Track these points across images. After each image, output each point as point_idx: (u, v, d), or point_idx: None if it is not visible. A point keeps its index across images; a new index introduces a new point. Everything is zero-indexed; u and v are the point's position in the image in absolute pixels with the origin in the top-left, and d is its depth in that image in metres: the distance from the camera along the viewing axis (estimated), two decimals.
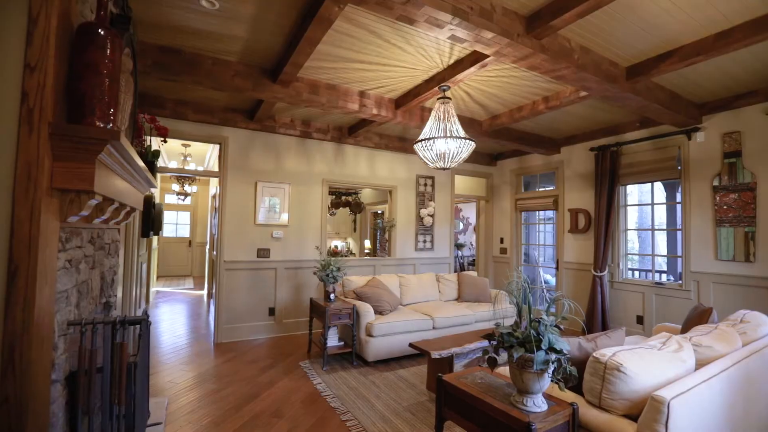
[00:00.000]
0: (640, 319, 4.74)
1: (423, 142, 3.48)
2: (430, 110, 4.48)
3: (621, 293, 4.96)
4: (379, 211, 9.75)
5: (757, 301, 3.83)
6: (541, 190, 6.55)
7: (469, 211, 10.62)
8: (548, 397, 1.70)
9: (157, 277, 9.48)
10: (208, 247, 8.07)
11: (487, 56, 2.94)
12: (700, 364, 1.91)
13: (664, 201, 6.73)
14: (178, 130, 4.36)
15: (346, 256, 7.03)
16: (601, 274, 4.97)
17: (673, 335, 2.02)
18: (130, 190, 2.18)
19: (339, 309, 3.82)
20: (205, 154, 6.96)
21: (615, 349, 1.73)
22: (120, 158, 1.58)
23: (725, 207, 4.06)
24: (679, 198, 6.41)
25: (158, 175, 8.44)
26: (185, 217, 10.89)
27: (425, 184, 6.27)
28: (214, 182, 7.43)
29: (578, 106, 4.34)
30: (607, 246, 4.96)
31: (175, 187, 8.62)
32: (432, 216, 6.27)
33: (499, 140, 5.11)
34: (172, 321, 5.50)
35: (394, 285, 4.73)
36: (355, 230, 10.35)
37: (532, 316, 1.66)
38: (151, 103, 4.11)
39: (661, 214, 7.25)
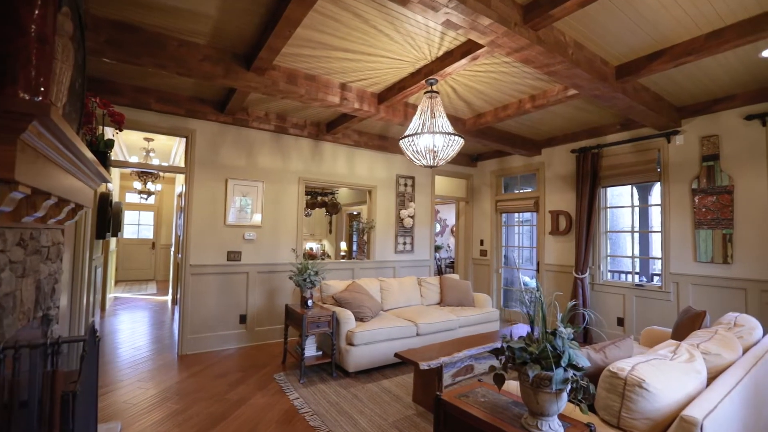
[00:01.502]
0: (620, 321, 4.75)
1: (409, 138, 3.28)
2: (414, 106, 4.29)
3: (602, 295, 4.96)
4: (355, 212, 9.50)
5: (734, 301, 3.88)
6: (519, 192, 6.51)
7: (447, 213, 10.55)
8: (561, 417, 1.53)
9: (116, 282, 8.81)
10: (173, 249, 7.55)
11: (479, 48, 2.78)
12: (710, 374, 1.80)
13: (638, 204, 6.87)
14: (138, 121, 3.96)
15: (322, 258, 6.74)
16: (583, 276, 4.95)
17: (682, 343, 1.91)
18: (76, 184, 1.85)
19: (317, 316, 3.56)
20: (170, 150, 6.48)
21: (631, 362, 1.58)
22: (55, 142, 1.27)
23: (704, 209, 4.11)
24: (651, 200, 6.58)
25: (117, 171, 7.83)
26: (148, 217, 10.22)
27: (405, 185, 6.09)
28: (180, 180, 6.95)
29: (563, 107, 4.28)
30: (588, 248, 4.95)
31: (137, 185, 8.02)
32: (412, 217, 6.10)
33: (482, 140, 5.00)
34: (132, 331, 5.03)
35: (374, 289, 4.50)
36: (330, 232, 10.04)
37: (547, 327, 1.48)
38: (107, 89, 3.69)
39: (634, 217, 7.40)
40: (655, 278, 6.63)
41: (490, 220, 6.58)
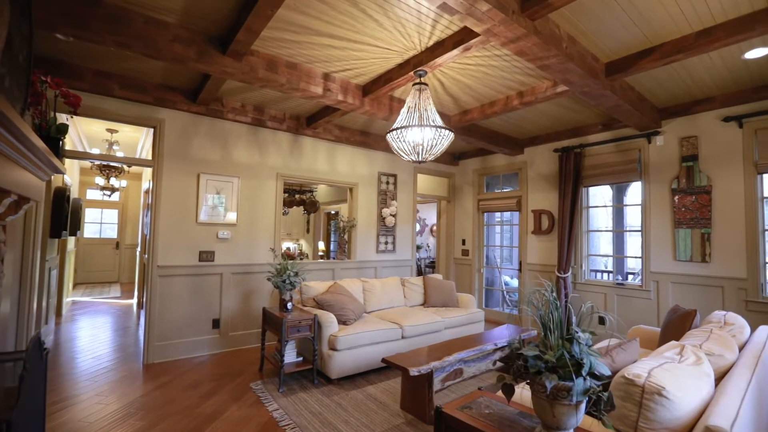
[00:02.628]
0: (602, 320, 4.77)
1: (397, 131, 3.12)
2: (400, 101, 4.14)
3: (584, 294, 4.97)
4: (333, 211, 9.27)
5: (712, 299, 3.95)
6: (501, 191, 6.50)
7: (426, 212, 10.49)
8: (576, 431, 1.41)
9: (74, 285, 8.21)
10: (139, 249, 7.08)
11: (472, 37, 2.65)
12: (715, 375, 1.74)
13: (614, 204, 7.00)
14: (99, 108, 3.61)
15: (301, 259, 6.48)
16: (565, 275, 4.95)
17: (685, 344, 1.85)
18: (18, 173, 1.59)
19: (298, 320, 3.34)
20: (136, 143, 6.06)
21: (645, 367, 1.48)
22: None
23: (683, 209, 4.17)
24: (626, 200, 6.71)
25: (76, 164, 7.26)
26: (112, 215, 9.60)
27: (388, 182, 5.93)
28: (147, 176, 6.51)
29: (549, 105, 4.25)
30: (570, 247, 4.95)
31: (100, 180, 7.48)
32: (394, 216, 5.95)
33: (467, 137, 4.91)
34: (92, 338, 4.62)
35: (357, 291, 4.32)
36: (308, 231, 9.75)
37: (557, 333, 1.35)
38: (64, 71, 3.33)
39: (609, 217, 7.55)
40: (630, 277, 6.79)
41: (472, 220, 6.53)
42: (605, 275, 6.73)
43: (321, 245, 9.29)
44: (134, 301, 6.99)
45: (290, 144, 4.92)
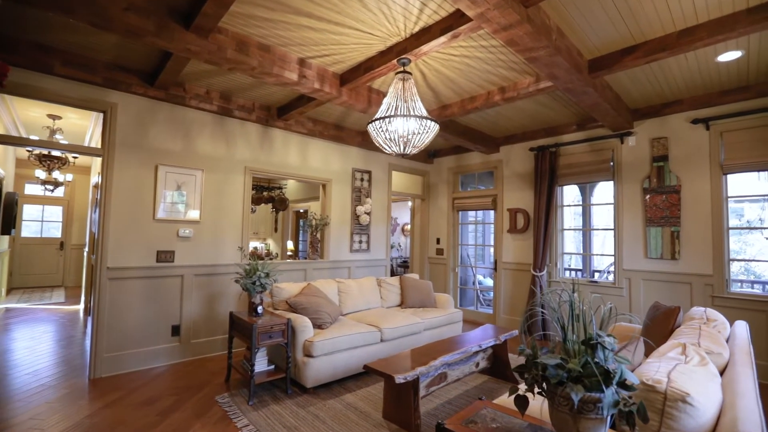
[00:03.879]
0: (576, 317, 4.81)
1: (379, 122, 2.93)
2: (379, 92, 3.96)
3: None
4: (302, 210, 8.93)
5: (681, 295, 4.06)
6: (477, 189, 6.47)
7: (398, 211, 10.37)
8: None
9: (8, 291, 7.37)
10: (87, 250, 6.43)
11: (461, 24, 2.52)
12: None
13: (581, 203, 7.18)
14: (36, 87, 3.15)
15: (270, 259, 6.14)
16: (541, 273, 4.96)
17: (686, 343, 1.79)
18: None
19: (269, 325, 3.07)
20: (83, 132, 5.48)
21: (662, 370, 1.38)
22: None
23: (654, 208, 4.27)
24: (592, 200, 6.91)
25: (10, 154, 6.49)
26: (56, 213, 8.73)
27: (362, 179, 5.73)
28: (97, 168, 5.91)
29: (528, 102, 4.22)
30: (546, 246, 4.97)
31: (40, 173, 6.73)
32: (369, 214, 5.76)
33: (444, 133, 4.80)
34: (29, 350, 4.08)
35: (332, 292, 4.08)
36: (276, 230, 9.34)
37: (575, 338, 1.21)
38: None
39: (576, 216, 7.75)
40: (596, 274, 6.99)
41: (447, 218, 6.45)
42: (574, 273, 6.88)
43: (290, 245, 8.92)
44: (81, 306, 6.34)
45: (260, 136, 4.59)
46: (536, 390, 1.23)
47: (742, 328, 2.54)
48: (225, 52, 2.81)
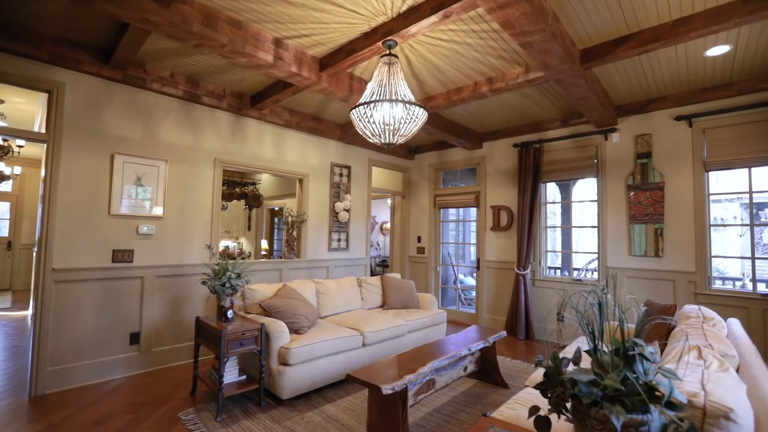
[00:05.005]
0: (560, 317, 4.75)
1: (362, 108, 2.69)
2: (361, 80, 3.72)
3: (542, 291, 4.93)
4: (277, 207, 8.56)
5: (665, 292, 4.04)
6: (459, 186, 6.34)
7: (376, 209, 10.15)
8: None
9: None
10: (36, 249, 5.85)
11: (453, 2, 2.32)
12: None
13: (561, 200, 7.19)
14: None
15: (243, 258, 5.77)
16: (524, 272, 4.86)
17: (700, 346, 1.66)
18: None
19: (241, 331, 2.77)
20: (31, 118, 4.94)
21: (694, 380, 1.22)
22: None
23: (638, 205, 4.24)
24: (572, 197, 6.92)
25: None
26: (2, 209, 7.97)
27: (341, 174, 5.47)
28: None
29: (514, 95, 4.09)
30: (530, 243, 4.88)
31: None
32: (348, 211, 5.50)
33: (427, 126, 4.61)
34: None
35: (310, 293, 3.81)
36: (249, 228, 8.92)
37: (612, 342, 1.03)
38: None
39: (557, 214, 7.77)
40: (575, 272, 7.01)
41: (428, 216, 6.29)
42: (555, 271, 6.87)
43: (264, 244, 8.53)
44: (29, 312, 5.76)
45: (231, 126, 4.25)
46: (561, 411, 1.03)
47: (737, 325, 2.47)
48: (190, 25, 2.49)
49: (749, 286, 5.96)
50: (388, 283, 4.55)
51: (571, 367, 1.12)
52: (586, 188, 6.97)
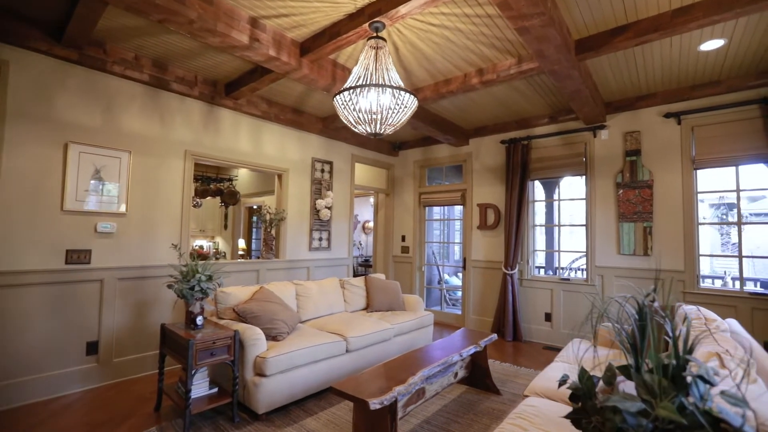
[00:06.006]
0: (548, 317, 4.65)
1: (347, 94, 2.46)
2: (345, 68, 3.49)
3: (530, 290, 4.82)
4: (256, 206, 8.20)
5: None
6: (445, 184, 6.18)
7: (358, 207, 9.90)
8: None
9: None
10: None
11: None
12: None
13: (546, 198, 7.15)
14: None
15: (217, 258, 5.43)
16: (512, 272, 4.74)
17: (721, 354, 1.52)
18: None
19: (211, 339, 2.50)
20: None
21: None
22: None
23: (627, 203, 4.17)
24: (555, 196, 6.89)
25: None
26: None
27: (323, 170, 5.21)
28: None
29: (504, 88, 3.94)
30: (518, 242, 4.76)
31: None
32: (330, 208, 5.25)
33: (414, 120, 4.42)
34: None
35: (289, 296, 3.56)
36: (226, 227, 8.51)
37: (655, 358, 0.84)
38: None
39: (541, 212, 7.73)
40: (558, 271, 6.97)
41: (413, 214, 6.10)
42: (539, 271, 6.81)
43: (241, 243, 8.15)
44: None
45: (204, 116, 3.94)
46: None
47: (738, 327, 2.38)
48: None
49: (730, 284, 6.06)
50: (372, 285, 4.33)
51: (600, 385, 0.93)
52: (572, 186, 6.96)
